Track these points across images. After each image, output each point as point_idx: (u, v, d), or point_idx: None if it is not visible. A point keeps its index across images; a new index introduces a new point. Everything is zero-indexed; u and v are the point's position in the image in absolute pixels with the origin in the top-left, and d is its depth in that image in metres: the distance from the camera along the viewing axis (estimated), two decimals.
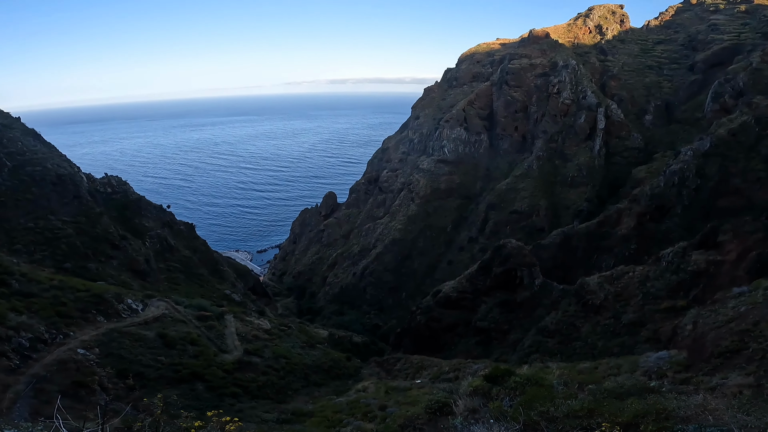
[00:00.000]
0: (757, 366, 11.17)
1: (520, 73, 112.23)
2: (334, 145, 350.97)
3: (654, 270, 39.48)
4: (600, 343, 32.00)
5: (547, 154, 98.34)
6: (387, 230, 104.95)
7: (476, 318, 48.41)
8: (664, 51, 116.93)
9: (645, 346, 27.02)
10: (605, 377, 14.23)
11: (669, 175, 60.92)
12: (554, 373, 14.25)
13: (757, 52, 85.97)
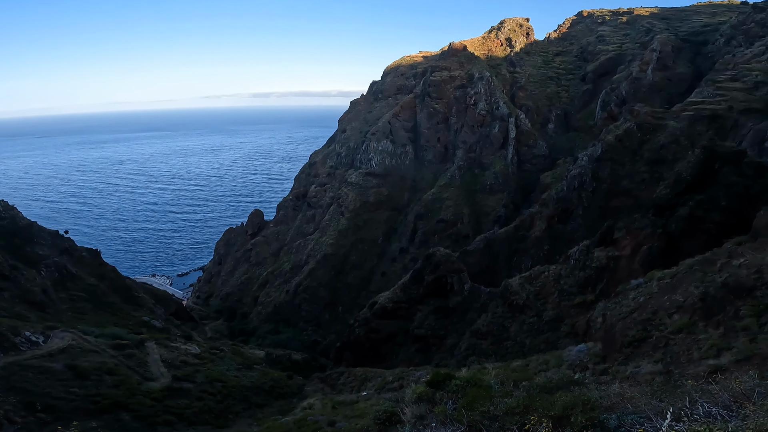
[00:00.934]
0: (663, 353, 13.17)
1: (441, 85, 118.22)
2: (259, 162, 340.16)
3: (565, 268, 43.83)
4: (528, 341, 34.87)
5: (467, 163, 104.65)
6: (318, 246, 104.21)
7: (413, 326, 49.84)
8: (562, 62, 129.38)
9: (566, 340, 30.02)
10: (536, 373, 15.56)
11: (570, 180, 68.14)
12: (491, 373, 15.51)
13: (636, 61, 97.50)
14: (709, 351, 12.30)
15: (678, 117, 64.55)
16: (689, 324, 16.05)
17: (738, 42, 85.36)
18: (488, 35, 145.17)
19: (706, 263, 24.93)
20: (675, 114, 65.78)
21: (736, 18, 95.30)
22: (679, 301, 20.82)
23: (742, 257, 22.88)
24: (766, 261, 20.87)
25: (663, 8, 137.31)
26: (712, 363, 10.27)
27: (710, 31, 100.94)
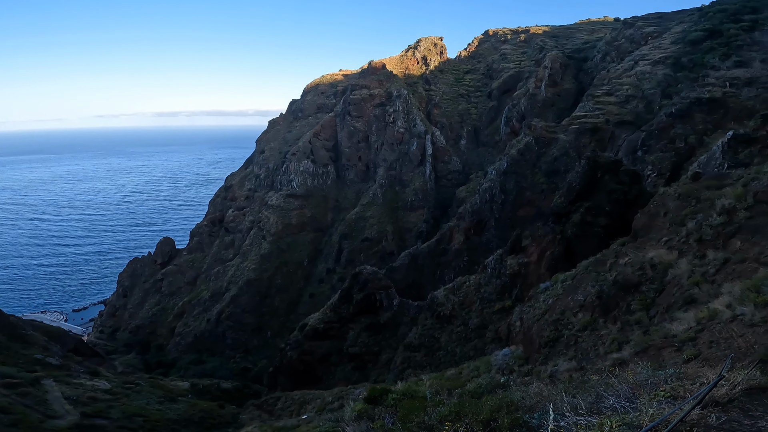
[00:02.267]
0: (574, 350, 15.07)
1: (361, 103, 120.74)
2: (166, 186, 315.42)
3: (483, 277, 47.23)
4: (458, 350, 36.90)
5: (388, 181, 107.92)
6: (240, 271, 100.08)
7: (347, 345, 50.03)
8: (471, 80, 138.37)
9: (492, 345, 32.40)
10: (469, 380, 16.77)
11: (482, 193, 73.73)
12: (426, 384, 16.43)
13: (532, 78, 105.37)
14: (612, 345, 14.42)
15: (567, 130, 73.04)
16: (592, 321, 18.55)
17: (611, 58, 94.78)
18: (406, 54, 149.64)
19: (598, 264, 28.72)
20: (564, 128, 74.26)
21: (609, 34, 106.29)
22: (581, 300, 23.86)
23: (626, 256, 26.74)
24: (647, 258, 24.71)
25: (553, 27, 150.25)
26: (616, 356, 11.99)
27: (589, 48, 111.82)
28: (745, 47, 67.71)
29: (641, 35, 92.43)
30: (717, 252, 21.44)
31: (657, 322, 15.06)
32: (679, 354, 9.58)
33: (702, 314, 11.48)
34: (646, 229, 29.32)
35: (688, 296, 16.28)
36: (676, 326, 11.60)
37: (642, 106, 70.18)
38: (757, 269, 17.09)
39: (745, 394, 5.19)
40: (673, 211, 27.80)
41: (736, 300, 12.05)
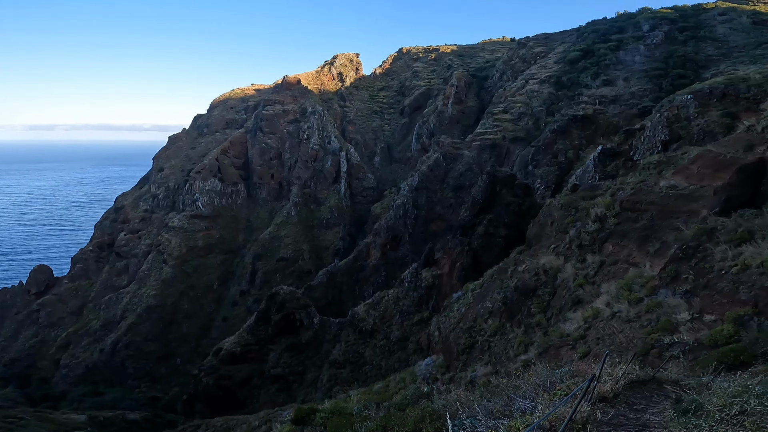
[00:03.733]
0: (489, 355, 16.60)
1: (274, 119, 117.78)
2: (39, 209, 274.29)
3: (401, 291, 49.16)
4: (383, 363, 37.76)
5: (302, 199, 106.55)
6: (138, 298, 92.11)
7: (269, 366, 48.82)
8: (385, 97, 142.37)
9: (415, 356, 33.78)
10: (396, 392, 17.54)
11: (396, 209, 76.62)
12: (353, 400, 16.82)
13: (441, 96, 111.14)
14: (519, 348, 16.25)
15: (470, 147, 79.18)
16: (500, 326, 20.58)
17: (507, 76, 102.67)
18: (322, 69, 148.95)
19: (501, 272, 31.74)
20: (468, 144, 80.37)
21: (506, 54, 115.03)
22: (490, 307, 26.25)
23: (523, 263, 29.94)
24: (540, 264, 27.94)
25: (460, 46, 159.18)
26: (523, 358, 13.55)
27: (490, 67, 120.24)
28: (612, 66, 77.41)
29: (531, 55, 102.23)
30: (594, 255, 25.16)
31: (553, 323, 17.35)
32: (574, 352, 11.25)
33: (588, 313, 13.64)
34: (537, 237, 33.06)
35: (575, 297, 19.00)
36: (568, 326, 13.56)
37: (531, 123, 78.44)
38: (627, 269, 20.56)
39: (628, 388, 6.04)
40: (558, 220, 31.78)
41: (613, 299, 14.51)
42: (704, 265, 14.89)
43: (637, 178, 30.40)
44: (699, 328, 10.37)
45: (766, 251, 12.93)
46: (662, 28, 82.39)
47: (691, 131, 38.04)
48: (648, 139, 41.87)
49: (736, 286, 11.33)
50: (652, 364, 7.88)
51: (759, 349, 7.85)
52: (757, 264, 12.30)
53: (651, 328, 10.68)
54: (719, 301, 11.17)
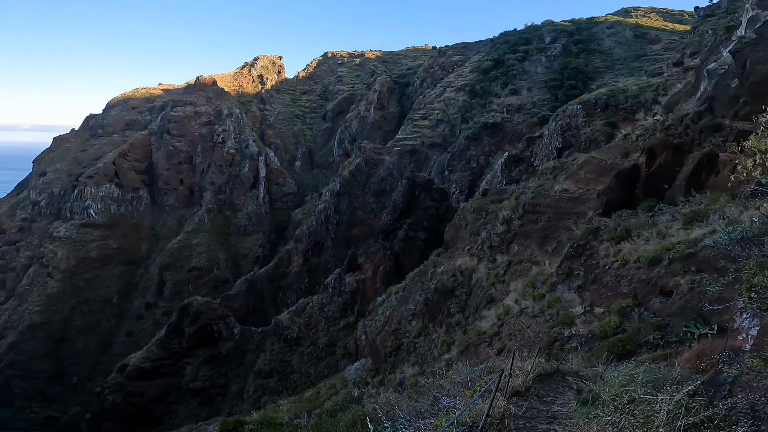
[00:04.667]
0: (415, 356, 17.32)
1: (185, 121, 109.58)
2: None
3: (325, 297, 48.99)
4: (312, 370, 37.28)
5: (217, 206, 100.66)
6: (18, 315, 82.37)
7: (187, 380, 46.39)
8: (308, 101, 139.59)
9: (344, 361, 33.85)
10: (328, 398, 17.59)
11: (317, 215, 75.94)
12: (283, 409, 16.54)
13: (363, 101, 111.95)
14: (443, 347, 17.23)
15: (391, 152, 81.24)
16: (424, 327, 21.60)
17: (427, 84, 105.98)
18: (241, 71, 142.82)
19: (421, 274, 33.20)
20: (389, 150, 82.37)
21: (427, 62, 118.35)
22: (413, 309, 27.36)
23: (442, 265, 31.65)
24: (457, 266, 29.76)
25: (385, 52, 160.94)
26: (447, 357, 14.41)
27: (411, 74, 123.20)
28: (518, 76, 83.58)
29: (450, 63, 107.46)
30: (503, 256, 27.49)
31: (471, 321, 18.71)
32: (491, 348, 12.31)
33: (500, 311, 14.98)
34: (454, 240, 35.14)
35: (488, 296, 20.65)
36: (484, 324, 14.78)
37: (448, 129, 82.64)
38: (531, 268, 22.82)
39: (537, 381, 6.71)
40: (471, 223, 34.12)
41: (520, 296, 16.11)
42: (591, 261, 17.17)
43: (537, 183, 33.72)
44: (591, 320, 11.98)
45: (641, 248, 15.28)
46: (561, 40, 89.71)
47: (580, 139, 42.66)
48: (545, 146, 46.30)
49: (618, 280, 13.30)
50: (556, 357, 8.88)
51: (642, 338, 9.29)
52: (634, 259, 14.52)
53: (553, 322, 12.10)
54: (605, 295, 13.01)
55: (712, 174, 20.54)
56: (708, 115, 22.68)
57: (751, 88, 20.23)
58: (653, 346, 9.11)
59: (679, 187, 20.74)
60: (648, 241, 15.42)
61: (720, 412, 4.60)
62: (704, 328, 8.57)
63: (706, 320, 8.77)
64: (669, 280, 11.18)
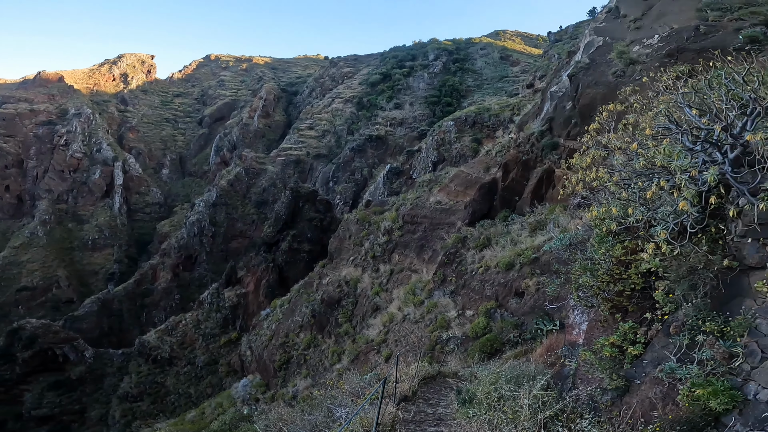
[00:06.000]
0: (306, 368, 17.20)
1: (16, 120, 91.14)
2: None
3: (201, 313, 45.38)
4: (192, 390, 34.02)
5: (56, 217, 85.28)
6: None
7: (28, 408, 40.45)
8: (182, 104, 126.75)
9: (229, 378, 31.68)
10: (214, 419, 16.52)
11: (189, 227, 69.82)
12: None
13: (247, 108, 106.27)
14: (333, 358, 17.52)
15: (275, 162, 78.90)
16: (312, 339, 21.63)
17: (316, 93, 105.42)
18: (99, 68, 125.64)
19: (307, 286, 33.13)
20: (272, 159, 79.89)
21: (318, 71, 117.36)
22: (300, 321, 27.15)
23: (327, 276, 32.07)
24: (342, 276, 30.43)
25: (275, 58, 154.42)
26: (338, 367, 14.73)
27: (301, 83, 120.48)
28: (403, 91, 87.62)
29: (341, 74, 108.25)
30: (386, 265, 29.08)
31: (359, 330, 19.43)
32: (379, 355, 13.06)
33: (385, 318, 15.96)
34: (338, 251, 35.82)
35: (374, 305, 21.69)
36: (371, 332, 15.56)
37: (334, 140, 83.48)
38: (411, 276, 24.59)
39: (422, 384, 7.28)
40: (355, 234, 35.29)
41: (403, 303, 17.37)
42: (461, 268, 19.37)
43: (415, 195, 36.41)
44: (464, 322, 13.60)
45: (499, 254, 17.75)
46: (442, 58, 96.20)
47: (452, 153, 47.01)
48: (423, 160, 50.10)
49: (483, 285, 15.34)
50: (438, 359, 9.87)
51: (504, 336, 10.87)
52: (494, 265, 16.84)
53: (433, 326, 13.41)
54: (474, 298, 14.89)
55: (550, 187, 23.32)
56: (548, 134, 25.94)
57: (581, 110, 22.81)
58: (514, 344, 10.70)
59: (526, 199, 24.39)
60: (504, 248, 17.95)
61: (568, 405, 5.13)
62: (550, 325, 10.34)
63: (550, 317, 10.65)
64: (521, 283, 13.32)
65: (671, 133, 6.05)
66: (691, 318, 5.25)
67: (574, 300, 7.14)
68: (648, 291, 6.01)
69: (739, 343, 4.75)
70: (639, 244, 5.78)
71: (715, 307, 5.24)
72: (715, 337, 4.92)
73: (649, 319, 5.90)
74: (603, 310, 6.55)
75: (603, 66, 23.50)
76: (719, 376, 4.64)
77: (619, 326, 6.09)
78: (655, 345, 5.71)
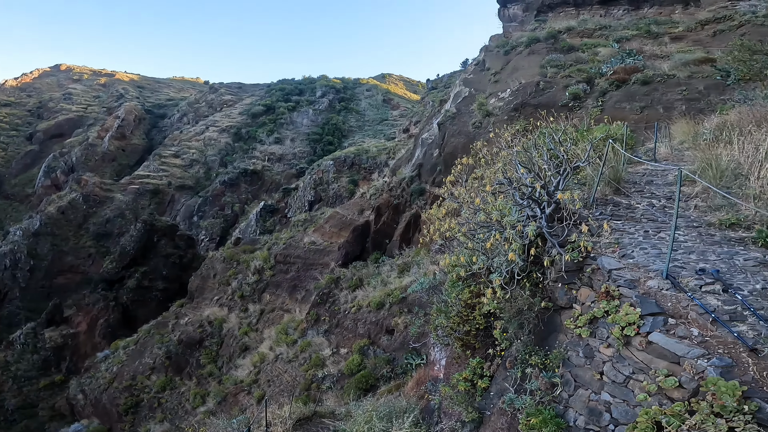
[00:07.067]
0: (162, 412, 15.26)
1: None
2: None
3: (12, 354, 37.61)
4: None
5: None
6: None
7: None
8: (8, 115, 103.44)
9: (54, 423, 26.18)
10: None
11: (1, 258, 56.87)
12: None
13: (96, 127, 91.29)
14: (196, 400, 15.97)
15: (125, 190, 69.39)
16: (168, 381, 19.41)
17: (188, 119, 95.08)
18: None
19: (160, 326, 29.93)
20: (123, 186, 70.15)
21: (194, 96, 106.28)
22: (151, 363, 24.15)
23: (186, 316, 29.62)
24: (204, 316, 28.42)
25: (144, 77, 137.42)
26: (203, 410, 13.59)
27: (172, 106, 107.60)
28: (285, 125, 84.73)
29: (220, 102, 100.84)
30: (255, 305, 28.20)
31: (226, 371, 18.25)
32: (251, 396, 12.63)
33: (256, 359, 15.45)
34: (200, 290, 33.54)
35: (242, 345, 20.71)
36: (240, 372, 14.90)
37: (203, 171, 77.19)
38: (283, 315, 24.25)
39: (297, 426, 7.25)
40: (221, 272, 33.64)
41: (275, 342, 17.07)
42: (335, 307, 20.08)
43: (289, 234, 36.38)
44: (339, 360, 14.12)
45: (371, 294, 18.99)
46: (329, 96, 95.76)
47: (329, 194, 47.63)
48: (299, 199, 50.02)
49: (356, 323, 16.20)
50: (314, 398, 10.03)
51: (378, 372, 11.61)
52: (366, 304, 17.96)
53: (307, 365, 13.58)
54: (348, 336, 15.59)
55: (417, 231, 24.95)
56: (417, 180, 27.91)
57: (445, 158, 23.90)
58: (387, 378, 11.52)
59: (396, 242, 26.57)
60: (375, 288, 19.33)
61: None
62: (418, 359, 11.46)
63: (418, 352, 11.86)
64: (391, 321, 14.57)
65: (505, 189, 6.88)
66: (521, 353, 5.82)
67: (434, 338, 7.83)
68: (489, 330, 6.62)
69: (557, 374, 5.25)
70: (481, 288, 6.42)
71: (538, 342, 5.83)
72: (539, 369, 5.45)
73: (492, 355, 6.55)
74: (456, 348, 7.18)
75: (466, 116, 25.31)
76: (546, 405, 5.09)
77: (469, 362, 6.73)
78: (498, 378, 6.30)
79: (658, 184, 8.49)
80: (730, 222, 6.36)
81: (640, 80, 20.02)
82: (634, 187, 8.26)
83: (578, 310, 5.25)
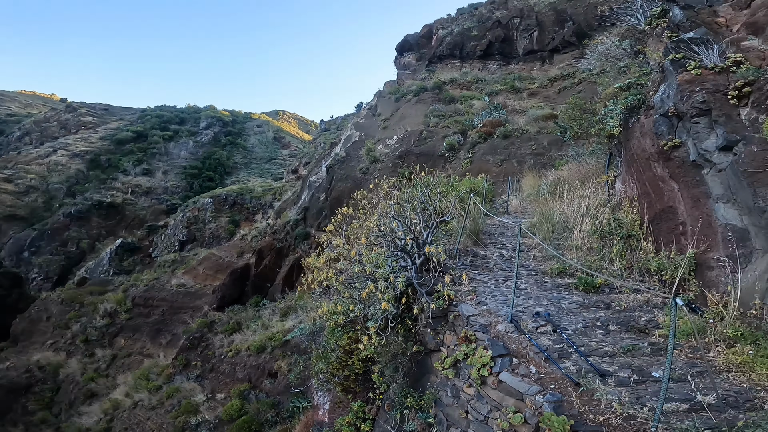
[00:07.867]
0: None
1: None
2: None
3: None
4: None
5: None
6: None
7: None
8: None
9: None
10: None
11: None
12: None
13: None
14: None
15: None
16: None
17: (32, 139, 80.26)
18: None
19: None
20: None
21: (45, 113, 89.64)
22: None
23: (8, 361, 24.80)
24: (33, 361, 24.18)
25: None
26: None
27: (14, 122, 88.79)
28: (158, 156, 75.10)
29: (78, 123, 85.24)
30: (105, 350, 24.82)
31: (65, 418, 15.45)
32: None
33: (107, 405, 13.33)
34: (28, 333, 28.89)
35: (87, 391, 17.82)
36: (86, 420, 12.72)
37: (42, 200, 64.63)
38: (143, 360, 21.57)
39: None
40: (57, 315, 29.21)
41: (132, 389, 15.03)
42: (208, 352, 18.58)
43: (152, 276, 32.93)
44: (215, 406, 13.02)
45: (250, 338, 18.07)
46: (215, 128, 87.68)
47: (205, 234, 43.91)
48: (168, 237, 45.25)
49: (234, 368, 15.18)
50: None
51: (262, 417, 11.02)
52: (246, 348, 17.02)
53: (176, 411, 12.22)
54: (224, 381, 14.50)
55: (300, 275, 24.79)
56: (302, 224, 27.32)
57: (331, 203, 23.60)
58: (273, 423, 11.02)
59: (278, 286, 25.77)
60: (255, 332, 18.53)
61: None
62: (305, 402, 11.22)
63: (304, 395, 11.58)
64: (274, 364, 14.06)
65: (380, 242, 7.14)
66: (398, 395, 6.01)
67: (315, 383, 7.91)
68: (368, 374, 6.79)
69: (431, 414, 5.42)
70: (359, 335, 6.61)
71: (413, 384, 6.06)
72: (415, 410, 5.60)
73: (372, 398, 6.71)
74: (338, 392, 7.33)
75: (355, 161, 25.34)
76: None
77: (351, 406, 6.87)
78: (380, 420, 6.39)
79: (508, 236, 9.66)
80: (559, 270, 7.36)
81: (501, 134, 21.44)
82: (490, 239, 9.30)
83: (445, 352, 5.64)
